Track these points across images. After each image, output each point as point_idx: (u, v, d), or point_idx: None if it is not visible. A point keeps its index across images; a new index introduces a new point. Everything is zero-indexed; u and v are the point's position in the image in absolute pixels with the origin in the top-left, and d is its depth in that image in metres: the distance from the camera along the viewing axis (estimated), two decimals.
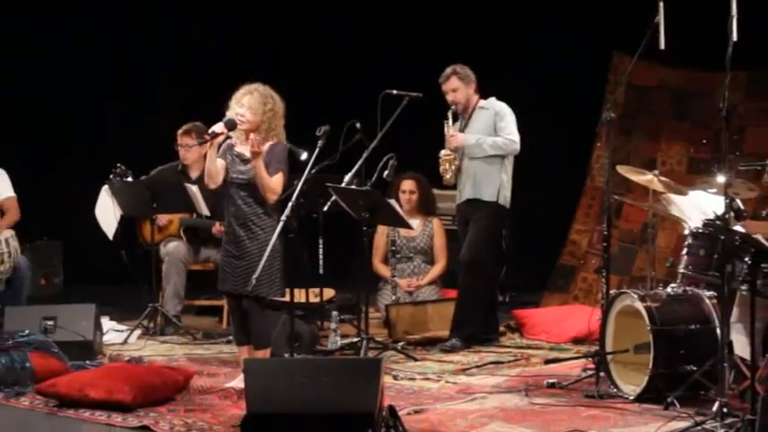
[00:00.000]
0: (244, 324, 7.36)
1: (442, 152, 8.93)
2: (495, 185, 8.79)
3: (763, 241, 5.94)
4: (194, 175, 9.73)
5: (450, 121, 8.93)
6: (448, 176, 8.97)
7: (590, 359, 7.48)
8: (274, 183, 7.15)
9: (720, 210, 6.36)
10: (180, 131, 9.80)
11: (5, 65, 11.88)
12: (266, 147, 7.13)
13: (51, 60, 12.17)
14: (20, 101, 11.99)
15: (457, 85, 8.85)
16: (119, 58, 12.32)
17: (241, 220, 7.19)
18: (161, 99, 12.23)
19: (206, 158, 7.31)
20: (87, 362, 7.76)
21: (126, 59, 12.33)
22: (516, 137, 8.75)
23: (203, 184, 8.20)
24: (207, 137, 7.14)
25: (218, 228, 9.45)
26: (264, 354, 7.27)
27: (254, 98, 7.16)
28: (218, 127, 7.10)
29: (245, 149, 7.18)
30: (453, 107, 8.91)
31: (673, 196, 7.51)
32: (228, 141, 7.29)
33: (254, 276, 6.71)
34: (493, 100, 8.94)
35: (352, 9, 11.86)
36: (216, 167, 7.21)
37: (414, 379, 7.60)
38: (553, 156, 10.95)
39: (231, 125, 7.12)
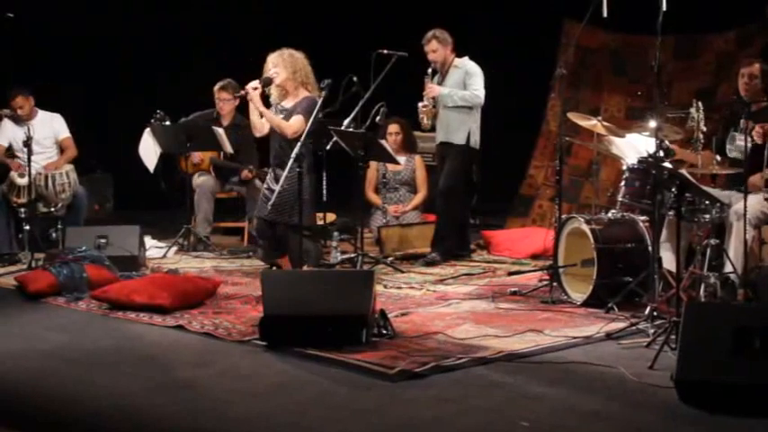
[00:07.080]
0: (277, 244, 7.53)
1: (420, 104, 8.84)
2: (465, 131, 8.66)
3: (687, 175, 5.91)
4: (226, 122, 9.63)
5: (430, 76, 8.82)
6: (425, 122, 8.93)
7: (545, 271, 7.45)
8: (292, 124, 7.31)
9: (652, 149, 6.30)
10: (216, 87, 9.66)
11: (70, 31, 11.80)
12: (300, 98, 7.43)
13: (107, 27, 12.03)
14: (81, 60, 11.87)
15: (436, 47, 8.72)
16: (162, 29, 12.18)
17: (278, 160, 7.26)
18: (194, 60, 12.16)
19: (250, 113, 7.52)
20: (133, 273, 7.76)
21: (168, 30, 12.19)
22: (481, 92, 8.62)
23: (231, 129, 8.99)
24: (243, 91, 7.31)
25: (245, 174, 9.37)
26: None
27: (274, 56, 7.39)
28: (254, 83, 7.25)
29: (284, 102, 7.43)
30: (433, 64, 8.79)
31: (613, 138, 7.45)
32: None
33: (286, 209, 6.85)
34: (466, 59, 8.79)
35: None
36: (257, 119, 7.35)
37: (400, 287, 7.56)
38: (516, 105, 10.85)
39: (267, 82, 7.33)
